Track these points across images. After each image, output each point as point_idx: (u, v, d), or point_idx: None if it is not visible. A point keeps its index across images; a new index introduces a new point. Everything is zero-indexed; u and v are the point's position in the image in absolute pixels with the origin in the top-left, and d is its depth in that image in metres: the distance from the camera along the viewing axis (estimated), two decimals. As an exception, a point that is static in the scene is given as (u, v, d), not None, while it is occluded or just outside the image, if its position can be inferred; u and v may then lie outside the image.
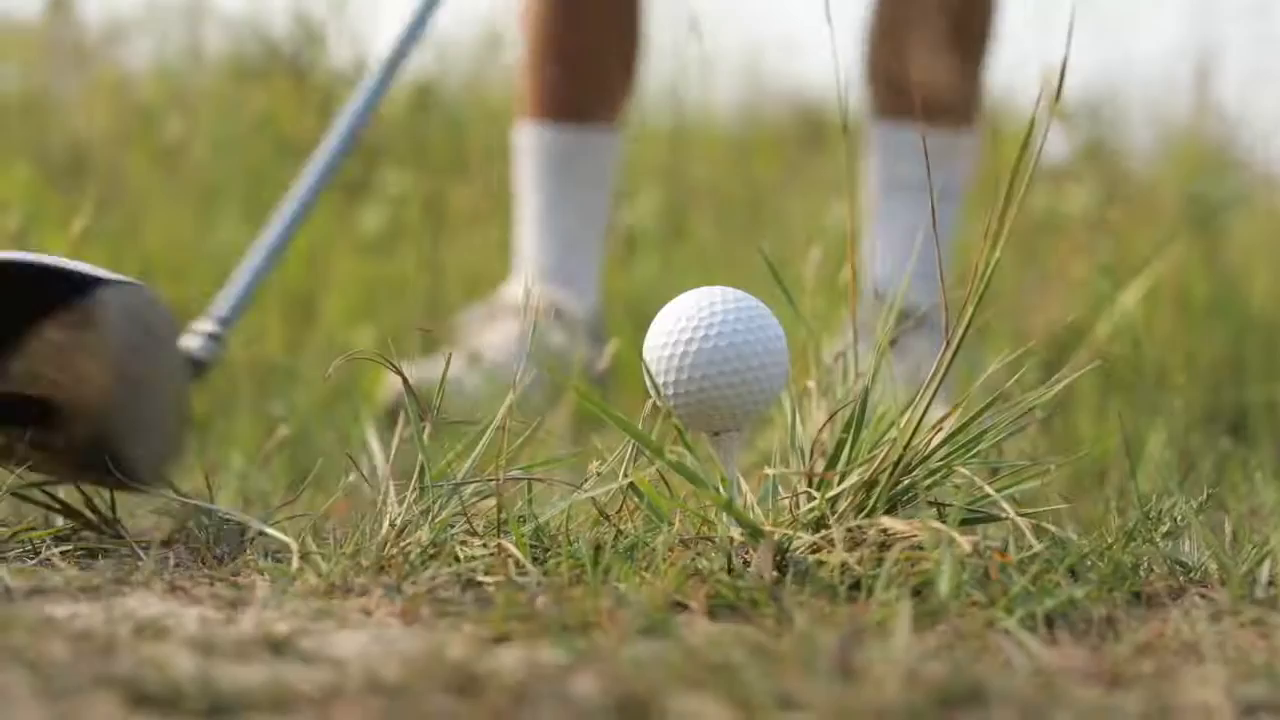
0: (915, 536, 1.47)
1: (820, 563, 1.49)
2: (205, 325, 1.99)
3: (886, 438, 1.59)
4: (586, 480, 1.60)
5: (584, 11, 3.32)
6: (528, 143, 3.34)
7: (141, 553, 1.63)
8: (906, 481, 1.56)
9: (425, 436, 1.59)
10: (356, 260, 3.70)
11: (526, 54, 3.36)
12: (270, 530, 1.61)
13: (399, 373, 1.60)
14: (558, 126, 3.32)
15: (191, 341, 1.98)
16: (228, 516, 1.67)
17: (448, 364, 1.66)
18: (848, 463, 1.58)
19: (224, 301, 2.02)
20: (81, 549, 1.64)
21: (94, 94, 4.31)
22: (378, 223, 3.97)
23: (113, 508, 1.71)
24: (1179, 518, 1.68)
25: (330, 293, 3.41)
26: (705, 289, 1.58)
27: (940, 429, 1.57)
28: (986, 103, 3.35)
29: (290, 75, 4.18)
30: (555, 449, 2.31)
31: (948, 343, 1.57)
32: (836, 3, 1.68)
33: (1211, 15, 4.24)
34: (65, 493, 1.77)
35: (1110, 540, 1.63)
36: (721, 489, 1.53)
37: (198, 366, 1.97)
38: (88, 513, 1.70)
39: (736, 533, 1.52)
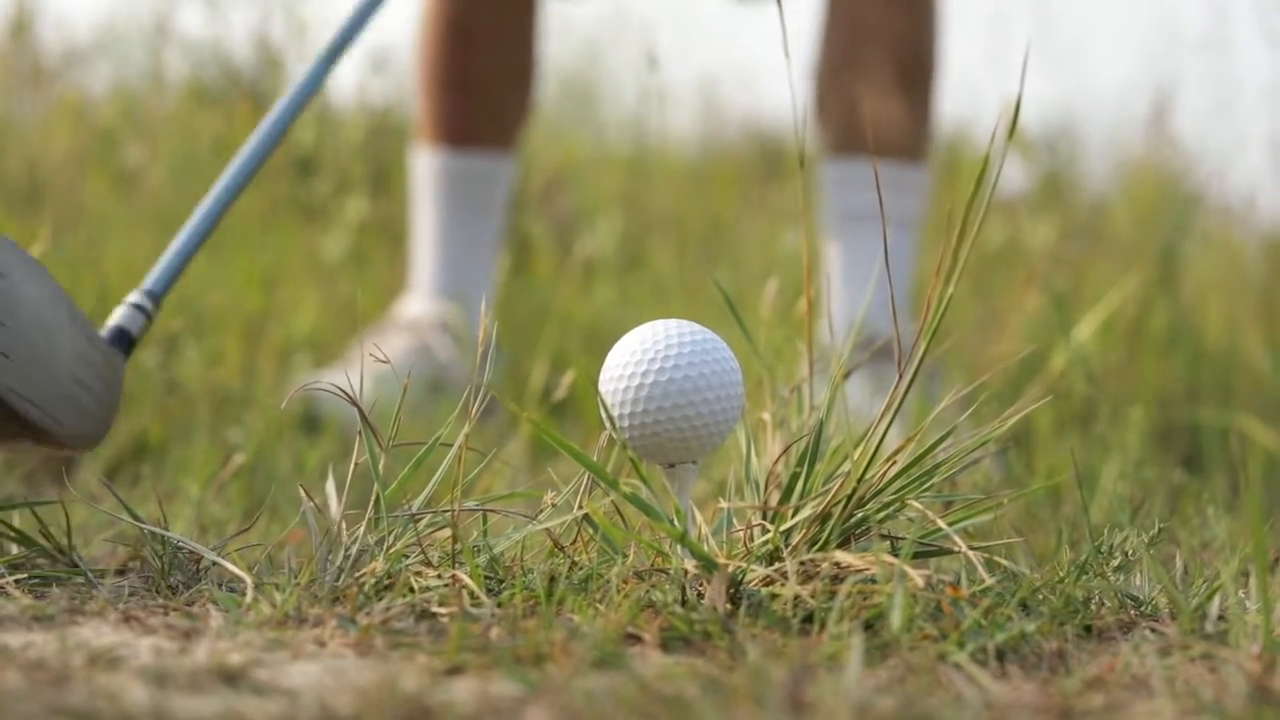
0: (868, 570, 1.48)
1: (773, 595, 1.49)
2: (132, 297, 1.88)
3: (840, 471, 1.60)
4: (541, 511, 1.60)
5: (476, 39, 3.36)
6: (423, 167, 3.40)
7: (96, 581, 1.63)
8: (860, 515, 1.56)
9: (380, 467, 1.59)
10: (316, 286, 3.70)
11: (420, 80, 3.41)
12: (224, 560, 1.61)
13: (356, 404, 1.60)
14: (451, 152, 3.38)
15: (118, 313, 1.88)
16: (182, 545, 1.66)
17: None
18: (801, 496, 1.59)
19: (152, 275, 1.91)
20: (36, 577, 1.64)
21: (53, 117, 4.30)
22: (338, 249, 3.97)
23: (68, 535, 1.71)
24: (1130, 551, 1.69)
25: (289, 319, 3.41)
26: (660, 322, 1.58)
27: (894, 462, 1.57)
28: (937, 140, 3.37)
29: (249, 100, 4.18)
30: (511, 478, 2.32)
31: (901, 376, 1.58)
32: (793, 37, 1.69)
33: (1167, 49, 4.27)
34: (20, 519, 1.76)
35: (1062, 574, 1.64)
36: (676, 521, 1.54)
37: (124, 338, 1.85)
38: (42, 540, 1.69)
39: (690, 565, 1.52)
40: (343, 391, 1.59)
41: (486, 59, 3.36)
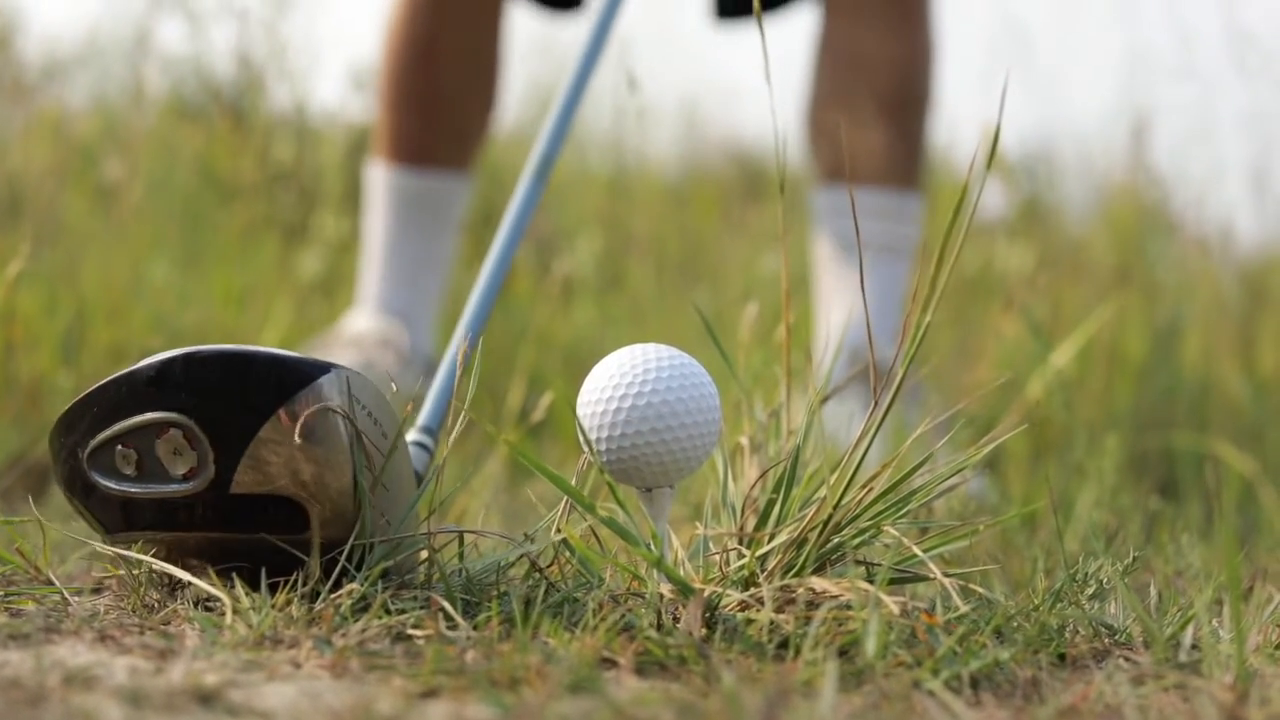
0: (843, 596, 1.48)
1: (749, 621, 1.49)
2: (413, 435, 1.80)
3: (816, 496, 1.60)
4: (520, 537, 1.60)
5: (441, 57, 3.33)
6: (378, 182, 3.37)
7: (72, 599, 1.63)
8: (836, 540, 1.57)
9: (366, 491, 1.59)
10: (294, 304, 3.70)
11: (382, 95, 3.39)
12: (200, 580, 1.60)
13: (353, 424, 1.60)
14: (408, 170, 3.35)
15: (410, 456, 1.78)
16: (159, 564, 1.66)
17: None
18: (778, 521, 1.59)
19: (427, 411, 1.84)
20: (11, 595, 1.63)
21: (32, 131, 4.30)
22: (315, 267, 3.97)
23: (44, 552, 1.70)
24: (1105, 580, 1.69)
25: (267, 336, 3.41)
26: (638, 346, 1.58)
27: (870, 488, 1.57)
28: (928, 167, 3.37)
29: (229, 117, 4.18)
30: (489, 498, 2.32)
31: (877, 402, 1.59)
32: (775, 59, 1.70)
33: (1145, 76, 4.28)
34: (-5, 537, 1.76)
35: (1037, 602, 1.64)
36: (652, 545, 1.54)
37: (418, 479, 1.75)
38: (17, 558, 1.69)
39: (666, 589, 1.53)
40: (338, 410, 1.58)
41: (451, 78, 3.34)
